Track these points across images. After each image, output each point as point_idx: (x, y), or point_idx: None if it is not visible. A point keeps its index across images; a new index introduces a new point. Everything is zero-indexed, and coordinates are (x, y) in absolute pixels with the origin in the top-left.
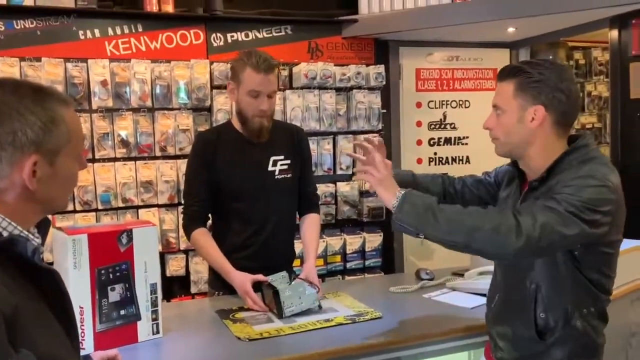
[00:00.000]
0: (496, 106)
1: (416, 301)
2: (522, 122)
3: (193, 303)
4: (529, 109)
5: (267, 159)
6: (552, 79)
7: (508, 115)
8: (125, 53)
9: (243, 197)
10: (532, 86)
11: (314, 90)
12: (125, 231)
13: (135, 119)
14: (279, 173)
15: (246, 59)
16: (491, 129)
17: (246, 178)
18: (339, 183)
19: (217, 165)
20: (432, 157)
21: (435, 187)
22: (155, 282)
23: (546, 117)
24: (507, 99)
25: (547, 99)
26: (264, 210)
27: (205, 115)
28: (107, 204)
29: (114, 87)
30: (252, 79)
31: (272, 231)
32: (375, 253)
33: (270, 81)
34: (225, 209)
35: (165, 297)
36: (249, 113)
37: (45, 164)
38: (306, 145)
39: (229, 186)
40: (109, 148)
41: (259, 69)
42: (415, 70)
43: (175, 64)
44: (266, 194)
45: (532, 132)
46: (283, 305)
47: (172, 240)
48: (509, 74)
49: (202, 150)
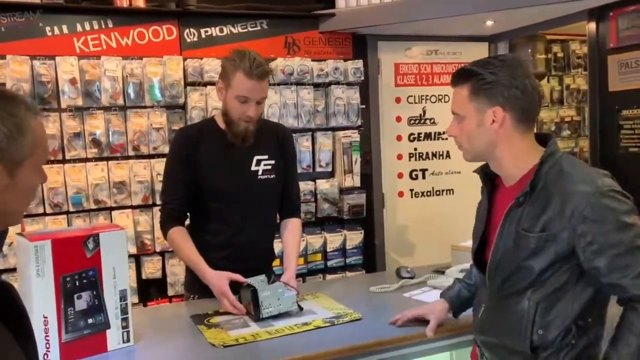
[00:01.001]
0: (455, 113)
1: (397, 301)
2: (483, 126)
3: (167, 308)
4: (487, 112)
5: (250, 158)
6: (504, 77)
7: (467, 121)
8: (95, 50)
9: (223, 197)
10: (486, 88)
11: (292, 87)
12: (91, 236)
13: (107, 117)
14: (262, 173)
15: (239, 61)
16: (455, 136)
17: (228, 177)
18: (319, 180)
19: (198, 163)
20: (412, 153)
21: None
22: (124, 289)
23: (505, 117)
24: (463, 104)
25: (503, 98)
26: (244, 211)
27: (180, 113)
28: (78, 206)
29: (84, 85)
30: (242, 85)
31: (251, 233)
32: (356, 251)
33: (262, 88)
34: (205, 208)
35: (142, 301)
36: (234, 117)
37: (5, 174)
38: (291, 146)
39: (209, 185)
40: (80, 148)
41: (251, 75)
42: (394, 65)
43: (148, 61)
44: (248, 194)
45: (495, 134)
46: (261, 305)
47: (148, 242)
48: (460, 78)
49: (182, 147)
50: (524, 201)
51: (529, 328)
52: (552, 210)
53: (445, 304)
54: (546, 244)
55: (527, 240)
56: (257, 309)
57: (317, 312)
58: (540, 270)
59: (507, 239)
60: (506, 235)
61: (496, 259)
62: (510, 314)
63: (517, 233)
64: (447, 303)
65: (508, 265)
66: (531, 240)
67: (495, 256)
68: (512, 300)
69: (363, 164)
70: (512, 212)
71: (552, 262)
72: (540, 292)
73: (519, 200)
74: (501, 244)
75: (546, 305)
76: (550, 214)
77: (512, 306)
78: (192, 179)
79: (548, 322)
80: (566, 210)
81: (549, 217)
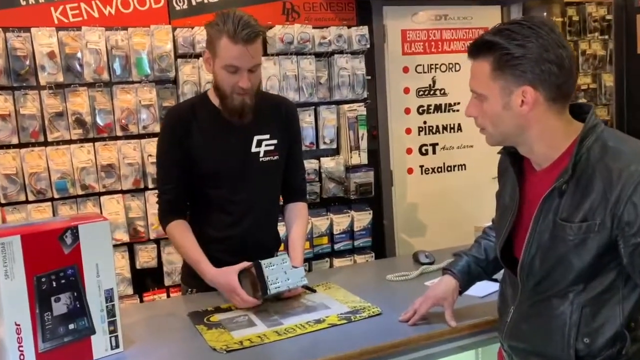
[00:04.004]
0: (474, 91)
1: (418, 290)
2: (510, 109)
3: (162, 304)
4: (514, 92)
5: (250, 139)
6: (535, 50)
7: (490, 102)
8: (75, 20)
9: (221, 183)
10: (512, 64)
11: (292, 57)
12: (68, 229)
13: (91, 95)
14: (264, 155)
15: (222, 25)
16: (475, 117)
17: (225, 161)
18: (323, 159)
19: (191, 146)
20: (422, 127)
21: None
22: (111, 288)
23: (538, 97)
24: (484, 82)
25: (534, 75)
26: (245, 198)
27: (171, 88)
28: (64, 192)
29: (64, 60)
30: (228, 52)
31: (254, 221)
32: (364, 232)
33: (252, 54)
34: (201, 196)
35: (137, 292)
36: (227, 90)
37: None
38: (296, 121)
39: (204, 170)
40: (63, 129)
41: (236, 38)
42: (401, 32)
43: (134, 31)
44: (249, 179)
45: (524, 117)
46: (267, 280)
47: (141, 229)
48: (480, 51)
49: (173, 128)
50: (567, 189)
51: (572, 335)
52: (595, 194)
53: (453, 282)
54: (587, 235)
55: (565, 232)
56: (263, 285)
57: (330, 305)
58: (582, 268)
59: (544, 233)
60: (542, 228)
61: (530, 256)
62: (548, 319)
63: (555, 224)
64: (456, 280)
65: (545, 263)
66: (570, 232)
67: (528, 253)
68: (550, 303)
69: (370, 140)
70: (549, 201)
71: (596, 258)
72: (585, 294)
73: (561, 188)
74: (536, 238)
75: (592, 309)
76: (592, 198)
77: (550, 310)
78: (186, 164)
79: (595, 328)
80: (611, 194)
81: (591, 203)
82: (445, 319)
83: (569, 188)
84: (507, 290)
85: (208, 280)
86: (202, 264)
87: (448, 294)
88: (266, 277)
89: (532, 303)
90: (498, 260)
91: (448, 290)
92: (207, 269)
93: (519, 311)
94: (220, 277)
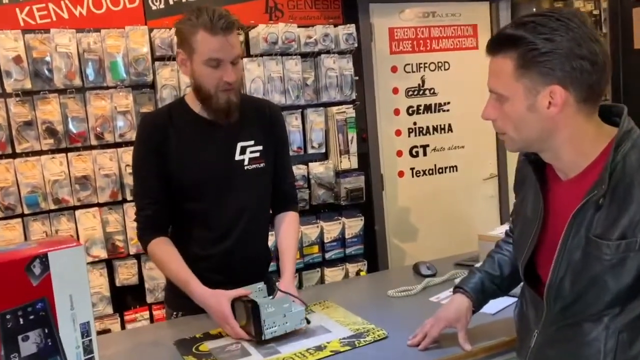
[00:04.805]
0: (494, 91)
1: (423, 307)
2: (536, 111)
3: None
4: (541, 92)
5: (233, 146)
6: (566, 44)
7: (513, 103)
8: (43, 22)
9: (204, 196)
10: (540, 60)
11: (276, 57)
12: (36, 257)
13: (63, 102)
14: (249, 162)
15: (196, 19)
16: (493, 120)
17: (207, 171)
18: (312, 164)
19: (169, 156)
20: (412, 128)
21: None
22: (87, 321)
23: (567, 97)
24: (506, 81)
25: (564, 73)
26: (231, 211)
27: (148, 93)
28: (35, 207)
29: (32, 64)
30: (208, 44)
31: (240, 236)
32: (356, 240)
33: (232, 43)
34: (181, 210)
35: (117, 310)
36: (211, 88)
37: None
38: (282, 126)
39: (184, 182)
40: (33, 139)
41: (214, 29)
42: (388, 30)
43: (107, 33)
44: (233, 190)
45: (551, 120)
46: (263, 324)
47: (120, 244)
48: (502, 46)
49: (149, 136)
50: (603, 202)
51: None
52: (635, 208)
53: (466, 301)
54: (627, 254)
55: (601, 251)
56: (258, 328)
57: (330, 329)
58: (619, 290)
59: (574, 251)
60: (573, 246)
61: (558, 277)
62: (579, 345)
63: (588, 241)
64: (469, 299)
65: (576, 284)
66: (606, 251)
67: (556, 273)
68: (580, 328)
69: (359, 143)
70: (581, 215)
71: (636, 279)
72: (622, 318)
73: (598, 202)
74: (565, 257)
75: (630, 334)
76: (632, 213)
77: (581, 335)
78: (165, 175)
79: (634, 356)
80: None
81: (630, 218)
82: (459, 342)
83: (605, 200)
84: (528, 311)
85: (197, 299)
86: (192, 283)
87: (461, 314)
88: (262, 321)
89: (559, 327)
90: (513, 276)
91: (461, 311)
92: (197, 288)
93: (545, 335)
94: (211, 299)
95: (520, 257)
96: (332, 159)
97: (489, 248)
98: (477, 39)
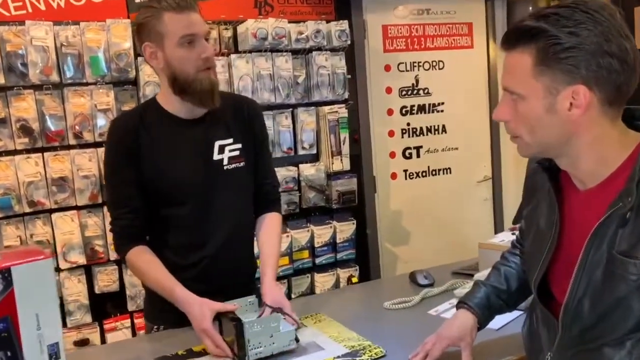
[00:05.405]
0: (509, 90)
1: (422, 322)
2: (555, 112)
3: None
4: (562, 92)
5: (210, 145)
6: (592, 39)
7: (530, 103)
8: (18, 13)
9: (181, 199)
10: (563, 57)
11: (266, 54)
12: None
13: (39, 98)
14: (228, 162)
15: (158, 4)
16: (507, 121)
17: (184, 173)
18: (302, 165)
19: (142, 159)
20: (405, 129)
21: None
22: (56, 342)
23: (592, 99)
24: (524, 79)
25: (589, 72)
26: (211, 215)
27: (130, 90)
28: (8, 210)
29: (5, 58)
30: (178, 23)
31: (223, 242)
32: (348, 244)
33: (200, 19)
34: (159, 216)
35: (96, 319)
36: (190, 70)
37: None
38: (261, 122)
39: (160, 186)
40: (6, 138)
41: (180, 7)
42: (382, 28)
43: (87, 26)
44: (213, 191)
45: (573, 123)
46: (247, 344)
47: (99, 249)
48: (520, 39)
49: (120, 142)
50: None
51: None
52: None
53: (471, 318)
54: None
55: (626, 270)
56: (242, 348)
57: (324, 346)
58: None
59: (595, 269)
60: (594, 263)
61: (576, 297)
62: None
63: (611, 258)
64: (474, 315)
65: (597, 306)
66: (632, 270)
67: (575, 294)
68: (600, 353)
69: (352, 144)
70: (603, 229)
71: None
72: None
73: (625, 216)
74: (585, 276)
75: None
76: None
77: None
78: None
79: None
80: None
81: None
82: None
83: (632, 214)
84: (540, 330)
85: (181, 306)
86: (177, 290)
87: (465, 333)
88: (247, 340)
89: (576, 351)
90: (521, 290)
91: (465, 329)
92: (181, 294)
93: (559, 359)
94: (195, 307)
95: (532, 273)
96: (323, 161)
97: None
98: (472, 38)
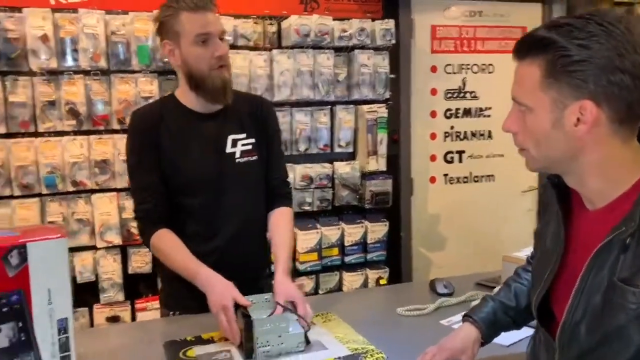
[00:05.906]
0: (517, 100)
1: (432, 331)
2: (561, 127)
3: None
4: (569, 107)
5: (224, 139)
6: (604, 54)
7: (537, 115)
8: (72, 1)
9: (195, 190)
10: (571, 70)
11: (308, 50)
12: (14, 248)
13: (87, 83)
14: (240, 155)
15: (176, 4)
16: (515, 133)
17: (197, 164)
18: (337, 163)
19: (161, 150)
20: (448, 132)
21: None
22: (65, 317)
23: (599, 116)
24: (531, 91)
25: (598, 87)
26: (222, 207)
27: (174, 80)
28: (52, 187)
29: (59, 44)
30: (194, 23)
31: (232, 234)
32: (379, 245)
33: (215, 19)
34: (174, 206)
35: (129, 298)
36: (204, 67)
37: None
38: (274, 119)
39: (174, 177)
40: (55, 119)
41: (196, 7)
42: (430, 28)
43: (136, 16)
44: (225, 184)
45: (579, 140)
46: (255, 342)
47: (135, 232)
48: (530, 49)
49: (142, 131)
50: (631, 242)
51: None
52: None
53: (474, 332)
54: None
55: (625, 299)
56: (249, 345)
57: (327, 346)
58: None
59: (594, 294)
60: (592, 288)
61: (574, 320)
62: None
63: (611, 284)
64: (478, 330)
65: (593, 333)
66: (632, 299)
67: (571, 316)
68: None
69: (390, 144)
70: (604, 254)
71: None
72: None
73: (625, 241)
74: (583, 299)
75: None
76: None
77: None
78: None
79: None
80: None
81: None
82: None
83: (633, 240)
84: (540, 351)
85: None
86: (202, 270)
87: (467, 346)
88: (255, 338)
89: None
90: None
91: (467, 342)
92: (207, 273)
93: None
94: (220, 285)
95: (534, 290)
96: (359, 160)
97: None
98: None
